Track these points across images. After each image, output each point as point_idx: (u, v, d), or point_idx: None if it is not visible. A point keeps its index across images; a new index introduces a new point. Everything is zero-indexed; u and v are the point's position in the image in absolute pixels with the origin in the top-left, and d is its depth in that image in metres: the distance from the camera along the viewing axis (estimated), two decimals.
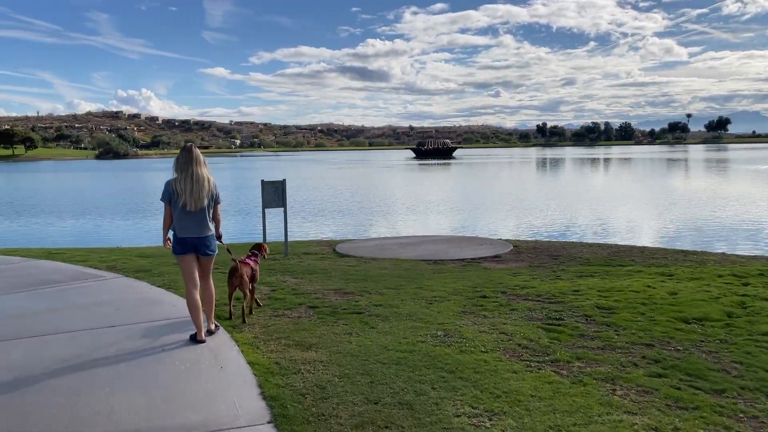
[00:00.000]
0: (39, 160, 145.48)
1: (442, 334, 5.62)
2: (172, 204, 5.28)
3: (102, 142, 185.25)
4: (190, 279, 5.38)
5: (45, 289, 7.90)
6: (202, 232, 5.34)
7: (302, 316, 6.41)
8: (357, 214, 24.05)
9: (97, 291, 7.70)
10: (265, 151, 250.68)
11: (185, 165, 5.26)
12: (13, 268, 9.57)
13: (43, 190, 47.76)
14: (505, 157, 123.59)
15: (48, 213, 29.40)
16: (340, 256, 11.58)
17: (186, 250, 5.34)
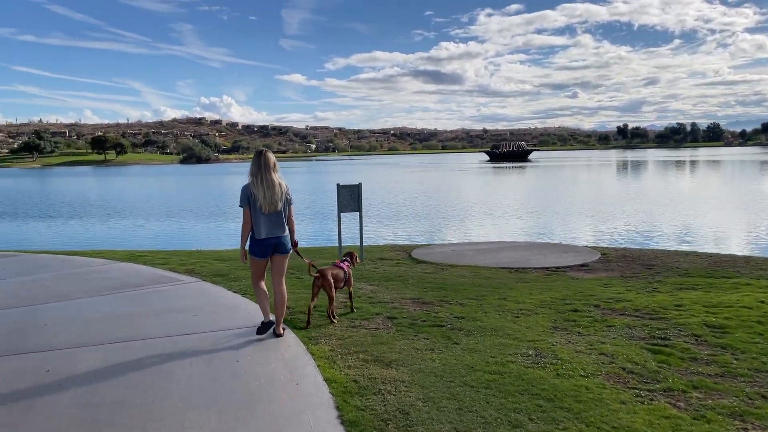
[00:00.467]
0: (128, 164, 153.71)
1: (534, 354, 5.12)
2: (252, 207, 5.42)
3: (186, 147, 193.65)
4: (259, 278, 5.69)
5: (126, 292, 7.96)
6: (280, 232, 5.52)
7: (380, 327, 6.06)
8: (432, 218, 23.61)
9: (175, 296, 7.67)
10: (339, 155, 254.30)
11: (258, 170, 5.43)
12: (98, 271, 9.78)
13: (131, 194, 50.15)
14: (584, 159, 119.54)
15: (135, 215, 30.69)
16: (416, 262, 11.20)
17: (266, 252, 5.52)
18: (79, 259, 11.11)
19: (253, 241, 5.51)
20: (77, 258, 11.32)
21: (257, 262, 5.58)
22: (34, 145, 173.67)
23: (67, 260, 11.01)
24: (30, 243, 20.97)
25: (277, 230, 5.51)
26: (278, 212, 5.48)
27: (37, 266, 10.44)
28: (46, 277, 9.34)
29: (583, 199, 31.14)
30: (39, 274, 9.62)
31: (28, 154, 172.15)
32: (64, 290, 8.20)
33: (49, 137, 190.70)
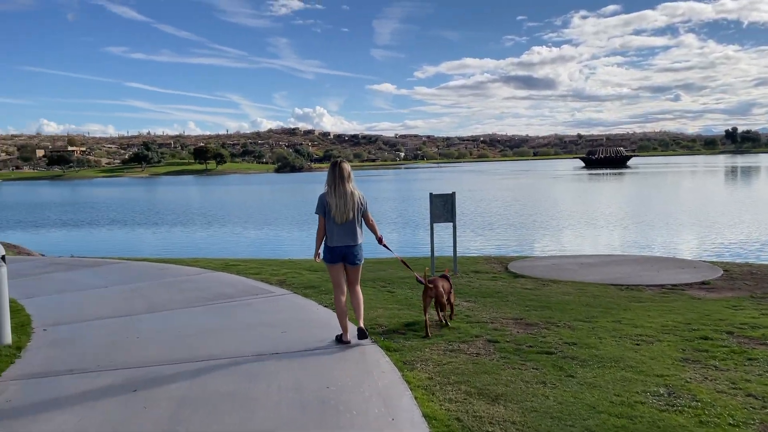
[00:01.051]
0: (227, 173, 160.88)
1: (666, 393, 4.39)
2: (326, 216, 5.64)
3: (280, 156, 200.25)
4: (338, 286, 5.80)
5: (218, 304, 7.85)
6: (351, 241, 5.68)
7: (481, 353, 5.50)
8: (527, 228, 22.59)
9: (265, 309, 7.46)
10: (428, 162, 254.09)
11: (333, 180, 5.63)
12: (193, 280, 9.82)
13: (229, 202, 52.08)
14: (689, 165, 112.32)
15: (232, 223, 31.65)
16: (514, 277, 10.50)
17: (335, 259, 5.71)
18: (176, 268, 11.29)
19: (326, 248, 5.73)
20: (174, 266, 11.51)
21: (331, 268, 5.78)
22: (143, 155, 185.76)
23: (164, 269, 11.20)
24: (135, 250, 21.97)
25: (349, 239, 5.68)
26: (351, 222, 5.64)
27: (137, 274, 10.67)
28: (143, 285, 9.47)
29: (693, 208, 28.89)
30: (137, 282, 9.79)
31: (137, 165, 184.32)
32: (159, 300, 8.22)
33: (156, 148, 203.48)
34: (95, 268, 11.62)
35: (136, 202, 55.01)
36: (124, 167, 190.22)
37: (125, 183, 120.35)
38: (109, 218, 38.99)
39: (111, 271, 11.23)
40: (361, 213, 5.72)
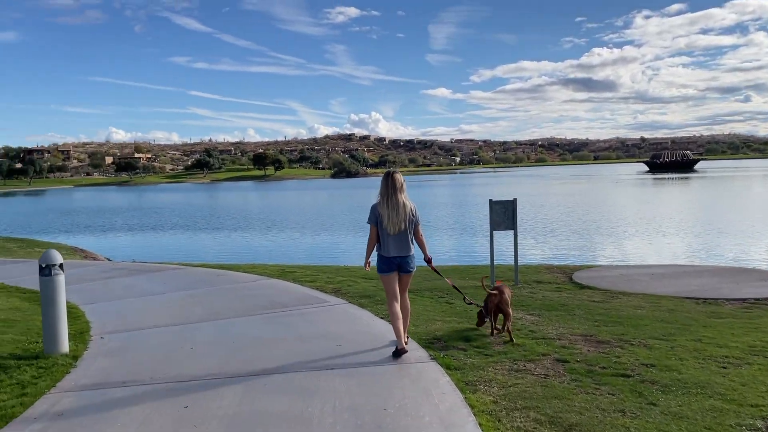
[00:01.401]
0: (285, 179, 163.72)
1: (765, 427, 3.89)
2: (379, 226, 5.69)
3: (337, 162, 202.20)
4: (392, 295, 5.78)
5: (274, 312, 7.71)
6: (404, 251, 5.71)
7: (550, 374, 5.10)
8: (592, 235, 21.71)
9: (320, 319, 7.26)
10: (484, 167, 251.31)
11: (385, 191, 5.66)
12: (249, 287, 9.75)
13: (287, 207, 52.77)
14: (761, 169, 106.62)
15: (289, 229, 31.93)
16: (580, 288, 9.97)
17: (390, 268, 5.72)
18: (233, 274, 11.28)
19: (380, 258, 5.76)
20: (231, 273, 11.51)
21: (385, 278, 5.77)
22: (205, 162, 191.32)
23: (221, 275, 11.22)
24: (195, 255, 22.37)
25: (403, 250, 5.71)
26: (403, 232, 5.67)
27: (195, 280, 10.71)
28: (200, 292, 9.47)
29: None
30: (195, 289, 9.80)
31: (199, 171, 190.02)
32: (214, 308, 8.16)
33: (217, 155, 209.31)
34: (155, 274, 11.76)
35: (198, 208, 56.50)
36: (187, 173, 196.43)
37: (188, 188, 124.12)
38: (172, 223, 40.10)
39: (170, 277, 11.33)
40: (413, 225, 5.74)
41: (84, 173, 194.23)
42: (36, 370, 5.25)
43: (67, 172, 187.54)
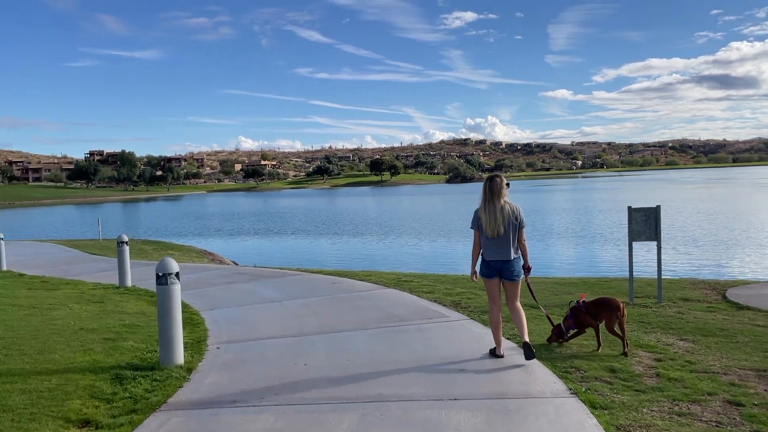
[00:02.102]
0: (400, 184, 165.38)
1: None
2: (480, 230, 5.68)
3: (452, 167, 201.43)
4: (494, 300, 5.81)
5: (390, 327, 7.25)
6: (505, 256, 5.63)
7: (723, 420, 4.17)
8: (740, 246, 19.39)
9: (440, 337, 6.68)
10: (608, 171, 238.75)
11: (485, 195, 5.66)
12: (364, 297, 9.39)
13: (403, 212, 52.82)
14: None
15: (406, 234, 31.70)
16: (737, 308, 8.61)
17: (491, 273, 5.70)
18: (348, 282, 11.01)
19: (482, 262, 5.76)
20: (347, 281, 11.25)
21: (487, 282, 5.78)
22: (324, 168, 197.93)
23: (337, 283, 10.98)
24: (313, 259, 22.67)
25: (503, 254, 5.63)
26: (503, 237, 5.60)
27: (311, 288, 10.55)
28: (316, 301, 9.24)
29: None
30: (311, 297, 9.60)
31: (319, 177, 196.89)
32: (329, 319, 7.85)
33: (336, 161, 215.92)
34: (274, 280, 11.77)
35: (318, 213, 58.13)
36: (308, 179, 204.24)
37: (309, 194, 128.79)
38: (293, 227, 41.41)
39: (288, 283, 11.27)
40: (515, 229, 5.64)
41: (216, 180, 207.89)
42: (150, 383, 5.12)
43: (201, 178, 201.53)
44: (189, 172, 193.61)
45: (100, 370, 5.42)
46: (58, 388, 4.83)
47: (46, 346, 6.13)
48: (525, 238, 5.74)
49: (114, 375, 5.29)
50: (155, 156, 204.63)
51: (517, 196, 76.41)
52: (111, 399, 4.71)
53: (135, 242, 25.92)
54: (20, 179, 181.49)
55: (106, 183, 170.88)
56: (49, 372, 5.25)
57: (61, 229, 46.61)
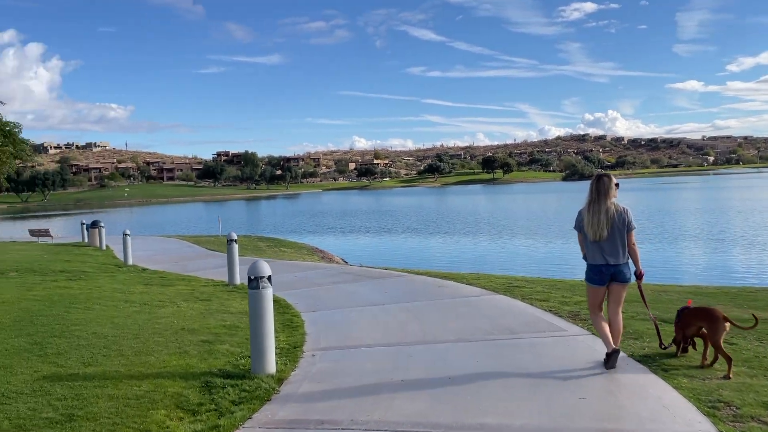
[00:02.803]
0: (513, 182, 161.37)
1: None
2: (584, 232, 5.42)
3: (568, 164, 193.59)
4: (594, 307, 5.56)
5: (497, 340, 6.56)
6: (611, 260, 5.34)
7: None
8: None
9: (556, 356, 5.91)
10: (744, 167, 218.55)
11: (591, 195, 5.41)
12: (471, 304, 8.74)
13: (515, 211, 51.16)
14: None
15: (520, 235, 30.45)
16: None
17: (597, 279, 5.42)
18: (454, 286, 10.39)
19: (587, 266, 5.49)
20: (453, 284, 10.64)
21: (591, 289, 5.52)
22: (436, 166, 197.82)
23: (443, 286, 10.40)
24: (421, 259, 22.22)
25: (608, 257, 5.32)
26: (608, 240, 5.30)
27: (416, 291, 10.05)
28: (419, 306, 8.71)
29: None
30: (414, 301, 9.10)
31: (430, 175, 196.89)
32: (432, 327, 7.29)
33: (447, 159, 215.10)
34: (378, 281, 11.41)
35: (429, 211, 57.78)
36: (419, 177, 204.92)
37: (420, 192, 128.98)
38: (403, 226, 41.31)
39: (392, 285, 10.86)
40: (621, 231, 5.31)
41: (331, 178, 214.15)
42: (238, 393, 4.84)
43: (317, 177, 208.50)
44: (306, 171, 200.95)
45: (191, 376, 5.23)
46: (147, 395, 4.66)
47: (144, 347, 6.09)
48: (635, 241, 5.37)
49: (204, 383, 5.07)
50: (275, 156, 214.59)
51: (637, 195, 71.48)
52: (196, 410, 4.46)
53: (251, 239, 26.84)
54: (156, 178, 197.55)
55: (230, 182, 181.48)
56: (141, 376, 5.13)
57: (188, 225, 49.75)
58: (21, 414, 4.15)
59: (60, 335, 6.45)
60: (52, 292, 9.68)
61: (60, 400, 4.46)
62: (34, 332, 6.56)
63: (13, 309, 8.00)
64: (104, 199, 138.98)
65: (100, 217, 36.35)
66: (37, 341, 6.16)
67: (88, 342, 6.20)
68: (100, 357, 5.67)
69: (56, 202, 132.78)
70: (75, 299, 8.94)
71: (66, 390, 4.68)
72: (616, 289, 5.44)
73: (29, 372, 5.11)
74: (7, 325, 6.93)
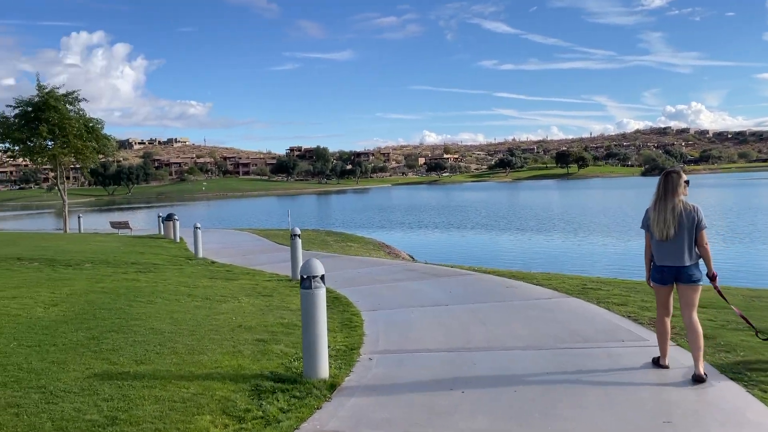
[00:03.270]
0: (588, 177, 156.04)
1: None
2: (650, 231, 5.24)
3: (648, 158, 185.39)
4: (662, 307, 5.32)
5: (569, 349, 6.03)
6: (677, 261, 5.07)
7: None
8: None
9: (636, 370, 5.31)
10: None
11: (658, 192, 5.22)
12: (542, 307, 8.18)
13: (592, 207, 49.24)
14: None
15: (595, 232, 29.15)
16: None
17: (663, 279, 5.19)
18: (524, 287, 9.83)
19: (654, 267, 5.27)
20: (523, 284, 10.07)
21: (657, 289, 5.30)
22: (507, 161, 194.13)
23: (511, 287, 9.85)
24: (490, 257, 21.57)
25: (675, 259, 5.06)
26: (675, 240, 5.05)
27: (482, 291, 9.57)
28: (485, 308, 8.24)
29: None
30: (480, 302, 8.63)
31: (501, 170, 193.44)
32: (499, 332, 6.82)
33: (519, 153, 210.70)
34: (444, 279, 10.99)
35: (499, 207, 56.56)
36: (490, 172, 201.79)
37: (490, 187, 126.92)
38: (473, 222, 40.54)
39: (458, 284, 10.41)
40: (690, 231, 5.04)
41: (400, 173, 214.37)
42: (287, 400, 4.57)
43: (387, 172, 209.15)
44: (376, 166, 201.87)
45: (241, 378, 5.02)
46: (194, 398, 4.47)
47: (199, 345, 5.95)
48: (707, 241, 5.08)
49: (254, 386, 4.85)
50: (346, 151, 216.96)
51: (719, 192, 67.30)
52: (242, 417, 4.23)
53: (319, 233, 26.94)
54: (232, 173, 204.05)
55: (302, 176, 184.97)
56: (191, 377, 4.96)
57: (260, 219, 50.84)
58: (65, 415, 4.04)
59: (118, 330, 6.43)
60: (119, 284, 9.84)
61: (106, 401, 4.33)
62: (94, 326, 6.57)
63: (79, 301, 8.12)
64: (183, 192, 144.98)
65: (179, 209, 37.63)
66: (95, 336, 6.15)
67: (145, 338, 6.13)
68: (153, 355, 5.57)
69: (139, 195, 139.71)
70: (140, 292, 9.03)
71: (114, 390, 4.57)
72: (684, 292, 5.13)
73: (81, 369, 5.05)
74: (70, 318, 7.00)
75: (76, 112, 29.75)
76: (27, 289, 8.92)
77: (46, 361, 5.20)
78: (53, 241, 19.74)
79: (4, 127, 28.86)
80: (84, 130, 29.44)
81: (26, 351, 5.51)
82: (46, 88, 28.97)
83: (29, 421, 3.93)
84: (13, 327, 6.46)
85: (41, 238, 22.42)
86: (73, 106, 29.58)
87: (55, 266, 12.07)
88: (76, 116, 29.54)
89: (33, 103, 28.63)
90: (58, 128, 28.47)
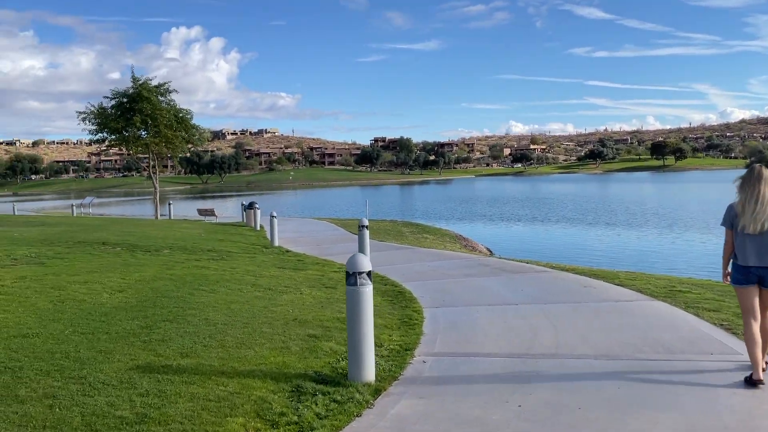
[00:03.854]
0: (687, 170, 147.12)
1: None
2: (734, 228, 4.82)
3: (754, 150, 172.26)
4: (749, 312, 4.78)
5: (647, 362, 5.37)
6: (761, 261, 4.66)
7: None
8: None
9: (722, 388, 4.63)
10: None
11: (748, 185, 4.77)
12: (621, 310, 7.47)
13: (690, 201, 46.23)
14: None
15: (690, 228, 27.23)
16: None
17: (747, 280, 4.74)
18: (604, 287, 9.09)
19: (735, 267, 4.88)
20: (603, 284, 9.32)
21: (740, 290, 4.84)
22: (598, 152, 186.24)
23: (589, 286, 9.14)
24: (573, 252, 20.53)
25: (761, 258, 4.67)
26: (761, 237, 4.64)
27: (556, 290, 8.94)
28: (557, 309, 7.63)
29: None
30: (553, 303, 8.03)
31: (592, 161, 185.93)
32: (569, 337, 6.24)
33: (611, 144, 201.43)
34: (516, 276, 10.40)
35: (588, 200, 54.24)
36: (579, 164, 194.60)
37: (579, 179, 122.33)
38: (558, 215, 39.03)
39: (530, 281, 9.81)
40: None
41: (485, 164, 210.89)
42: (326, 405, 4.28)
43: (471, 163, 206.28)
44: (459, 157, 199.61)
45: (284, 377, 4.78)
46: (229, 397, 4.28)
47: (248, 339, 5.79)
48: None
49: (294, 387, 4.59)
50: (429, 142, 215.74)
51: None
52: (276, 422, 3.98)
53: (396, 224, 26.71)
54: (318, 163, 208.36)
55: (386, 167, 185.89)
56: (232, 373, 4.78)
57: (341, 208, 51.39)
58: (97, 410, 3.94)
59: (173, 320, 6.39)
60: (188, 272, 9.96)
61: (141, 396, 4.21)
62: (151, 315, 6.58)
63: (145, 288, 8.24)
64: (272, 181, 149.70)
65: (267, 198, 38.59)
66: (149, 324, 6.13)
67: (196, 329, 6.05)
68: (200, 347, 5.45)
69: (231, 184, 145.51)
70: (205, 280, 9.07)
71: (152, 384, 4.45)
72: (766, 295, 4.81)
73: (126, 360, 4.99)
74: (131, 305, 7.07)
75: (167, 102, 31.09)
76: (99, 274, 9.19)
77: (94, 350, 5.19)
78: (141, 227, 20.62)
79: (102, 118, 30.60)
80: (174, 120, 30.72)
81: (78, 338, 5.55)
82: (140, 80, 30.43)
83: (60, 414, 3.86)
84: (74, 312, 6.58)
85: (132, 223, 23.55)
86: (165, 97, 30.92)
87: (134, 251, 12.47)
88: (167, 107, 30.86)
89: (128, 94, 30.17)
90: (150, 118, 29.87)
